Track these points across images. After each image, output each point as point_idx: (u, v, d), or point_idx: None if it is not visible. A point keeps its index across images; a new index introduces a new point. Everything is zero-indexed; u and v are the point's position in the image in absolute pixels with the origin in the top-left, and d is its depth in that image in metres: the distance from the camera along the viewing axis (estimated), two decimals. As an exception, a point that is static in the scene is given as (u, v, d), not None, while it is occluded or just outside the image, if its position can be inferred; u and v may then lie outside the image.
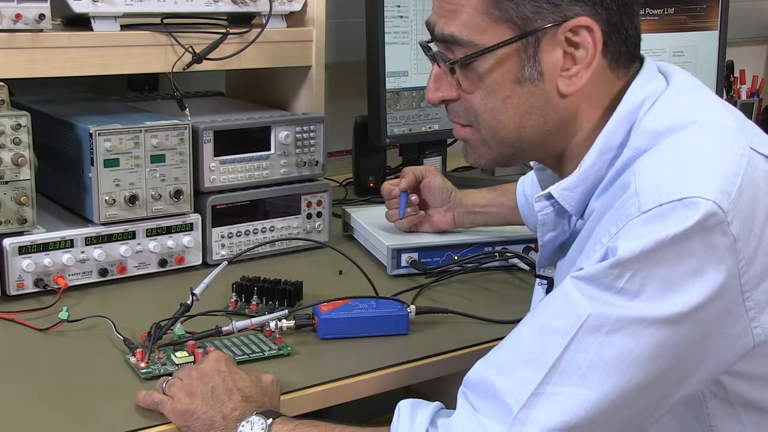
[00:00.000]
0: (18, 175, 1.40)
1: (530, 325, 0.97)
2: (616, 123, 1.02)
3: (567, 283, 0.94)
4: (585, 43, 0.99)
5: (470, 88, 1.04)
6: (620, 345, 0.90)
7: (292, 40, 1.72)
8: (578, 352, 0.91)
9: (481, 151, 1.09)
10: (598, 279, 0.91)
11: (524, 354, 0.94)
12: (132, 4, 1.52)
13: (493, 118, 1.04)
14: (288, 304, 1.40)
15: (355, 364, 1.24)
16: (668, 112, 1.00)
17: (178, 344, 1.25)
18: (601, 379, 0.90)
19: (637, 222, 0.91)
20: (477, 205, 1.64)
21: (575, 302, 0.92)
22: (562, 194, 1.05)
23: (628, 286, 0.89)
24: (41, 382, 1.18)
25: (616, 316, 0.90)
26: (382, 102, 1.96)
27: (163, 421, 1.09)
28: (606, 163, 1.02)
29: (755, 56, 3.11)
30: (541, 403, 0.91)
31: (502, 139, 1.05)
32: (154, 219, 1.53)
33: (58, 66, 1.46)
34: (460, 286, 1.55)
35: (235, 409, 1.06)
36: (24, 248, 1.41)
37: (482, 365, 0.98)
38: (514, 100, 1.02)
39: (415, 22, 1.99)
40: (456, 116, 1.09)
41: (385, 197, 1.68)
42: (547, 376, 0.91)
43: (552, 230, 1.10)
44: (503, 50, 1.00)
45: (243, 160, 1.62)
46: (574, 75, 1.01)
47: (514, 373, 0.94)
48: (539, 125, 1.04)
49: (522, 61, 1.00)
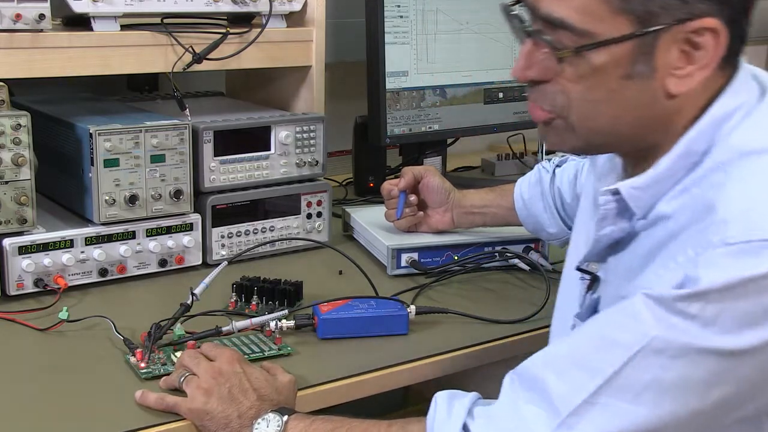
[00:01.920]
0: (18, 175, 1.40)
1: (592, 332, 0.95)
2: (702, 129, 0.96)
3: (638, 299, 0.90)
4: (707, 45, 0.92)
5: (573, 77, 0.96)
6: (681, 371, 0.87)
7: (292, 40, 1.72)
8: (637, 369, 0.88)
9: (566, 137, 1.01)
10: (672, 303, 0.88)
11: (582, 360, 0.92)
12: (132, 4, 1.52)
13: (591, 109, 0.97)
14: (288, 304, 1.40)
15: (355, 364, 1.24)
16: (761, 130, 0.94)
17: (178, 344, 1.25)
18: (656, 401, 0.88)
19: (721, 253, 0.87)
20: (475, 206, 1.64)
21: (643, 319, 0.89)
22: (630, 193, 0.99)
23: (701, 315, 0.86)
24: (41, 381, 1.18)
25: (682, 342, 0.87)
26: (382, 102, 1.96)
27: (163, 420, 1.09)
28: (683, 169, 0.96)
29: (755, 56, 3.11)
30: (592, 412, 0.90)
31: (594, 130, 0.99)
32: (154, 219, 1.53)
33: (58, 66, 1.46)
34: (460, 286, 1.55)
35: (251, 407, 1.07)
36: (24, 248, 1.41)
37: (538, 361, 0.96)
38: (618, 95, 0.95)
39: (415, 22, 1.99)
40: (540, 99, 1.00)
41: (385, 197, 1.68)
42: (602, 386, 0.89)
43: (611, 224, 1.03)
44: (619, 44, 0.92)
45: (243, 160, 1.62)
46: (686, 75, 0.93)
47: (569, 376, 0.92)
48: (635, 120, 0.97)
49: (636, 57, 0.93)
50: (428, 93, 2.05)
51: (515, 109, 2.21)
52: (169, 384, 1.15)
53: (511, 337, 1.36)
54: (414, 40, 2.00)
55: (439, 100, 2.06)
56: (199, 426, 1.08)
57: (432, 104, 2.06)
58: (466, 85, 2.11)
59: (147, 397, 1.11)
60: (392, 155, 2.16)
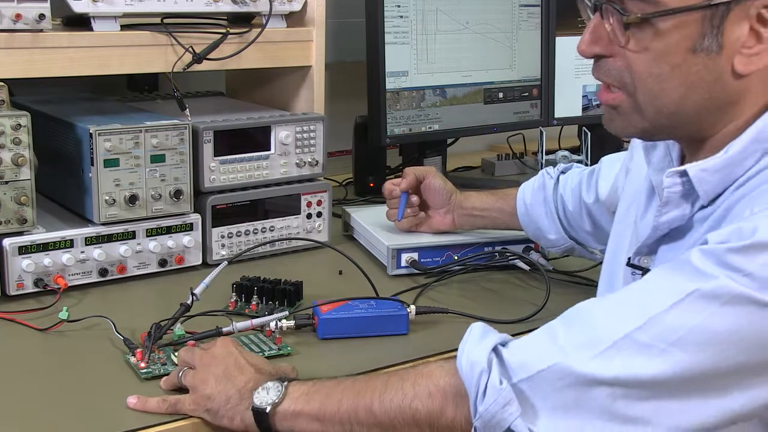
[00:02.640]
0: (18, 175, 1.40)
1: (646, 279, 0.93)
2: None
3: (693, 252, 0.88)
4: None
5: (638, 47, 0.95)
6: (731, 320, 0.85)
7: (292, 40, 1.71)
8: (685, 312, 0.86)
9: (633, 119, 1.00)
10: (727, 256, 0.86)
11: (632, 298, 0.91)
12: (132, 4, 1.52)
13: (657, 85, 0.95)
14: (288, 304, 1.40)
15: (355, 364, 1.24)
16: None
17: (178, 344, 1.25)
18: (699, 347, 0.86)
19: None
20: (476, 209, 1.64)
21: (697, 268, 0.87)
22: (699, 175, 0.97)
23: (758, 272, 0.85)
24: (41, 382, 1.18)
25: (737, 292, 0.85)
26: (382, 102, 1.96)
27: (163, 420, 1.09)
28: (754, 155, 0.95)
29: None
30: (632, 349, 0.88)
31: (660, 108, 0.97)
32: (154, 219, 1.53)
33: (58, 66, 1.46)
34: (460, 286, 1.55)
35: (249, 380, 1.07)
36: (24, 248, 1.41)
37: (592, 300, 0.95)
38: (683, 69, 0.94)
39: (415, 22, 1.99)
40: (607, 75, 0.99)
41: (386, 197, 1.68)
42: (646, 324, 0.87)
43: (674, 209, 1.02)
44: (688, 14, 0.91)
45: (243, 160, 1.62)
46: (754, 54, 0.92)
47: (615, 312, 0.91)
48: (702, 100, 0.95)
49: (704, 29, 0.91)
50: (428, 93, 2.05)
51: (515, 109, 2.21)
52: (170, 384, 1.15)
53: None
54: (414, 40, 2.00)
55: (439, 100, 2.07)
56: (203, 414, 1.08)
57: (432, 104, 2.06)
58: (466, 85, 2.11)
59: (147, 403, 1.11)
60: (392, 155, 2.16)
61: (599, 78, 1.01)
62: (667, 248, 1.05)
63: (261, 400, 1.04)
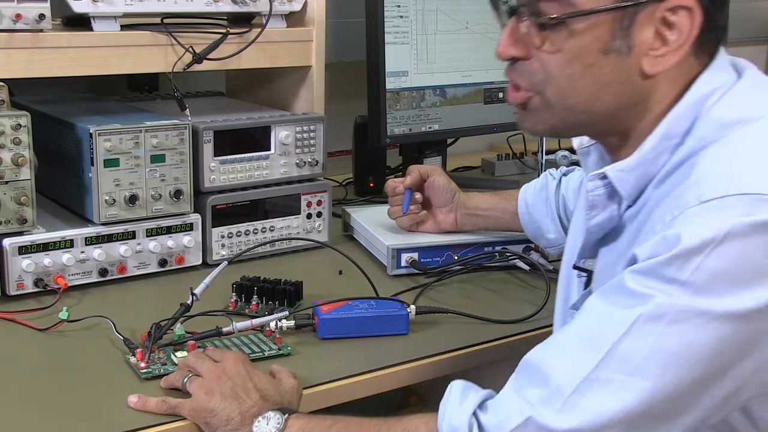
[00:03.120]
0: (18, 175, 1.40)
1: (588, 313, 0.94)
2: (683, 110, 0.97)
3: (626, 275, 0.90)
4: (681, 25, 0.94)
5: (552, 48, 0.97)
6: (681, 337, 0.87)
7: (292, 40, 1.71)
8: (636, 340, 0.88)
9: (542, 116, 1.02)
10: (659, 270, 0.87)
11: (581, 339, 0.92)
12: (132, 4, 1.52)
13: (568, 84, 0.98)
14: (288, 304, 1.40)
15: (355, 364, 1.24)
16: (739, 104, 0.96)
17: (178, 344, 1.25)
18: (658, 371, 0.87)
19: (696, 210, 0.88)
20: (479, 208, 1.64)
21: (633, 291, 0.89)
22: (618, 175, 1.00)
23: (692, 279, 0.86)
24: (41, 381, 1.18)
25: (680, 306, 0.86)
26: (382, 102, 1.96)
27: (162, 420, 1.09)
28: (667, 150, 0.98)
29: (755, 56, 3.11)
30: (594, 389, 0.89)
31: (571, 107, 1.00)
32: (154, 219, 1.53)
33: (58, 66, 1.46)
34: (461, 286, 1.55)
35: (253, 406, 1.07)
36: (24, 248, 1.41)
37: (539, 349, 0.96)
38: (595, 70, 0.97)
39: (415, 22, 1.99)
40: (520, 76, 1.01)
41: (389, 194, 1.68)
42: (602, 362, 0.89)
43: (601, 212, 1.04)
44: (600, 16, 0.95)
45: (243, 160, 1.62)
46: (660, 56, 0.96)
47: (568, 357, 0.92)
48: (613, 100, 0.99)
49: (615, 31, 0.95)
50: (428, 93, 2.05)
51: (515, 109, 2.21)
52: (170, 383, 1.15)
53: (511, 337, 1.36)
54: (414, 40, 2.00)
55: (439, 100, 2.07)
56: (201, 424, 1.08)
57: (432, 104, 2.06)
58: (466, 85, 2.11)
59: (147, 403, 1.11)
60: (392, 155, 2.16)
61: (511, 79, 1.04)
62: (605, 250, 1.08)
63: (260, 430, 1.05)
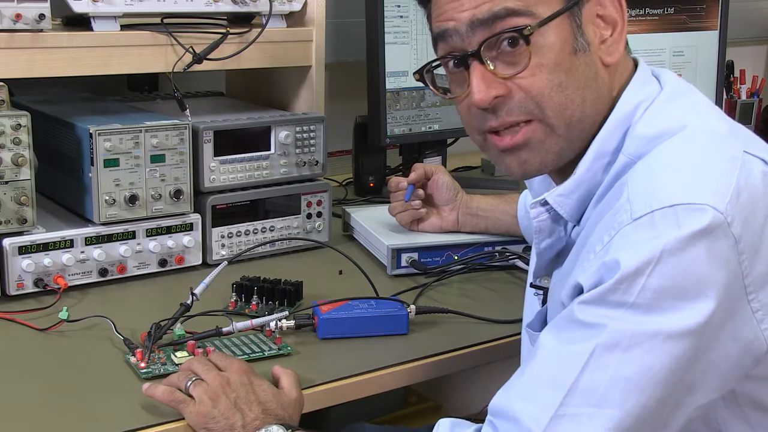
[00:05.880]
0: (18, 175, 1.40)
1: (545, 351, 0.95)
2: (611, 128, 1.01)
3: (576, 309, 0.92)
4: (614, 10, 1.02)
5: (532, 69, 0.98)
6: (639, 362, 0.88)
7: (292, 40, 1.72)
8: (596, 371, 0.89)
9: (549, 144, 1.02)
10: (606, 297, 0.89)
11: (542, 378, 0.93)
12: (132, 4, 1.52)
13: (560, 94, 0.99)
14: (288, 304, 1.40)
15: (355, 364, 1.24)
16: (660, 118, 0.99)
17: (178, 344, 1.25)
18: (622, 398, 0.88)
19: (630, 229, 0.90)
20: (481, 209, 1.65)
21: (585, 323, 0.90)
22: (557, 200, 1.04)
23: (640, 300, 0.87)
24: (41, 381, 1.18)
25: (632, 331, 0.88)
26: (382, 102, 1.96)
27: (162, 420, 1.09)
28: (601, 169, 1.00)
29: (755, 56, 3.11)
30: (563, 425, 0.90)
31: (569, 120, 1.00)
32: (154, 219, 1.53)
33: (58, 66, 1.46)
34: (461, 286, 1.55)
35: (256, 419, 1.07)
36: (24, 248, 1.41)
37: (503, 393, 0.97)
38: (574, 73, 0.99)
39: (415, 22, 1.98)
40: (510, 113, 1.01)
41: (392, 189, 1.68)
42: (566, 397, 0.90)
43: (548, 237, 1.08)
44: (559, 20, 0.98)
45: (243, 160, 1.62)
46: (612, 44, 1.02)
47: (533, 397, 0.92)
48: (593, 98, 1.01)
49: (574, 31, 0.99)
50: (428, 93, 2.04)
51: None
52: (171, 384, 1.14)
53: (511, 337, 1.36)
54: (414, 40, 2.00)
55: (439, 100, 2.06)
56: (200, 429, 1.08)
57: (432, 104, 2.06)
58: (466, 85, 2.11)
59: (155, 390, 1.11)
60: (392, 155, 2.16)
61: (504, 121, 1.02)
62: (559, 271, 1.10)
63: None
